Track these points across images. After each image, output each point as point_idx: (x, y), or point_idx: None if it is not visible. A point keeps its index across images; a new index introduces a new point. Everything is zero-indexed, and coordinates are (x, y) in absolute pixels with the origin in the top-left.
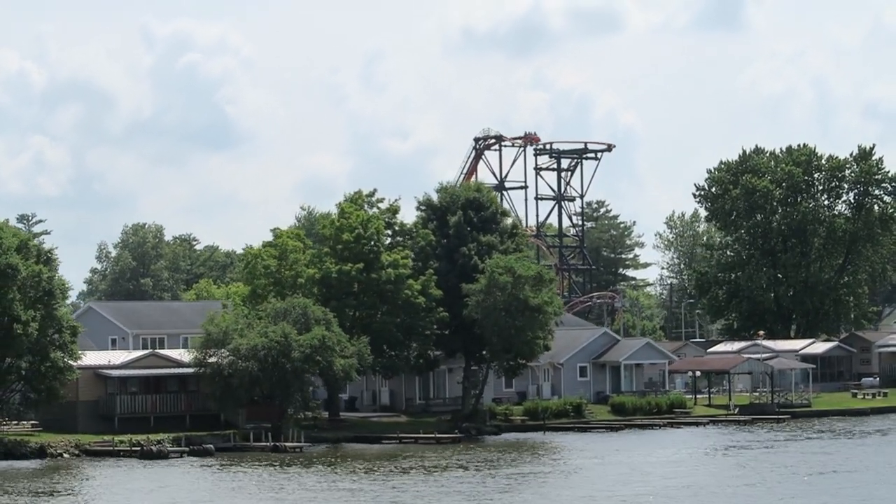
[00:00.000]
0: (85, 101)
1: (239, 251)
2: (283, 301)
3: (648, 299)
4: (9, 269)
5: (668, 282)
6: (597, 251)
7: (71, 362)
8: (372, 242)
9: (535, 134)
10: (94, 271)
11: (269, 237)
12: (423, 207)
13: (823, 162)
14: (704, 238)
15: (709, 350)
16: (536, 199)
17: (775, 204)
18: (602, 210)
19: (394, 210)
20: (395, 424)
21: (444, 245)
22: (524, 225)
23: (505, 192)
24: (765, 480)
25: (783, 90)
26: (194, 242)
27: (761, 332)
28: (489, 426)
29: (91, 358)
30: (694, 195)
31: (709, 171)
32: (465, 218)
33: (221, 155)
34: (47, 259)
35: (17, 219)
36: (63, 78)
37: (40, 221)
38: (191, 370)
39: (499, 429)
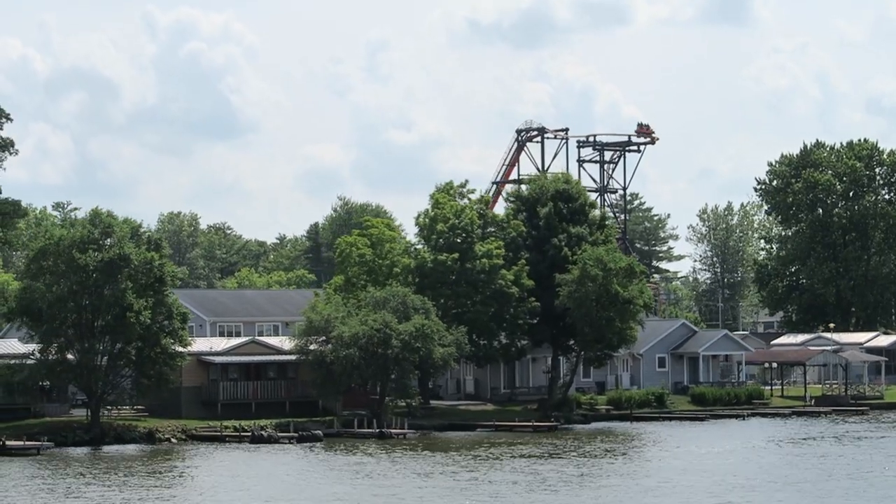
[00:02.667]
0: (88, 89)
1: (270, 241)
2: (382, 290)
3: (679, 291)
4: (121, 258)
5: (707, 274)
6: (631, 243)
7: (180, 349)
8: (466, 233)
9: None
10: None
11: (274, 227)
12: (512, 199)
13: (885, 157)
14: (738, 231)
15: (772, 343)
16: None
17: (836, 198)
18: (636, 202)
19: (485, 201)
20: (483, 413)
21: (533, 236)
22: None
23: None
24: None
25: (788, 84)
26: (229, 231)
27: (831, 325)
28: (576, 415)
29: (194, 345)
30: (755, 189)
31: (769, 165)
32: (554, 209)
33: (224, 144)
34: (157, 246)
35: (53, 206)
36: (66, 66)
37: (76, 209)
38: (290, 357)
39: (585, 418)
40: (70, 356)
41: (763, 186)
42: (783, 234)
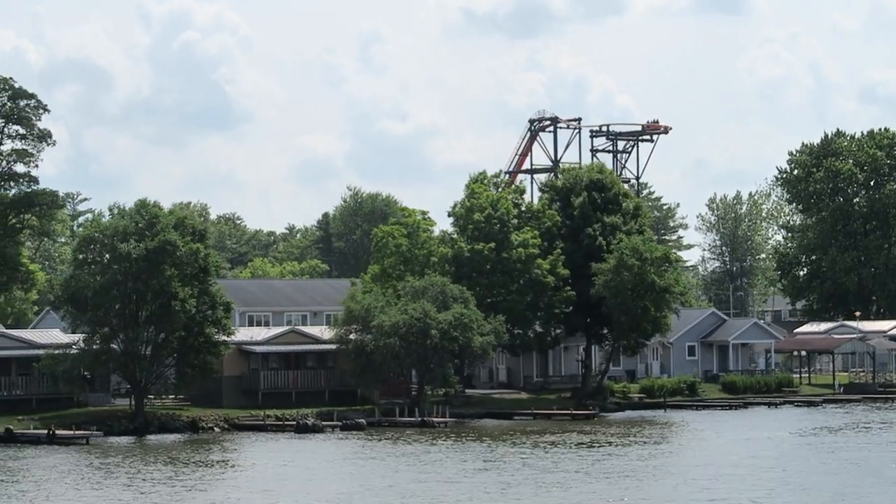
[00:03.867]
0: (82, 80)
1: (279, 231)
2: (421, 279)
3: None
4: (167, 246)
5: (716, 263)
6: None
7: (224, 338)
8: (502, 222)
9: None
10: None
11: (268, 217)
12: (546, 189)
13: None
14: (747, 220)
15: (795, 331)
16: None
17: (857, 187)
18: (645, 192)
19: (520, 191)
20: (517, 401)
21: (568, 226)
22: None
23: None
24: None
25: (782, 74)
26: (238, 221)
27: (857, 314)
28: (610, 403)
29: (237, 334)
30: (776, 178)
31: (790, 154)
32: (588, 199)
33: (219, 135)
34: (202, 236)
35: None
36: (60, 58)
37: (85, 199)
38: (329, 347)
39: (619, 406)
40: (114, 346)
41: (784, 175)
42: (804, 222)
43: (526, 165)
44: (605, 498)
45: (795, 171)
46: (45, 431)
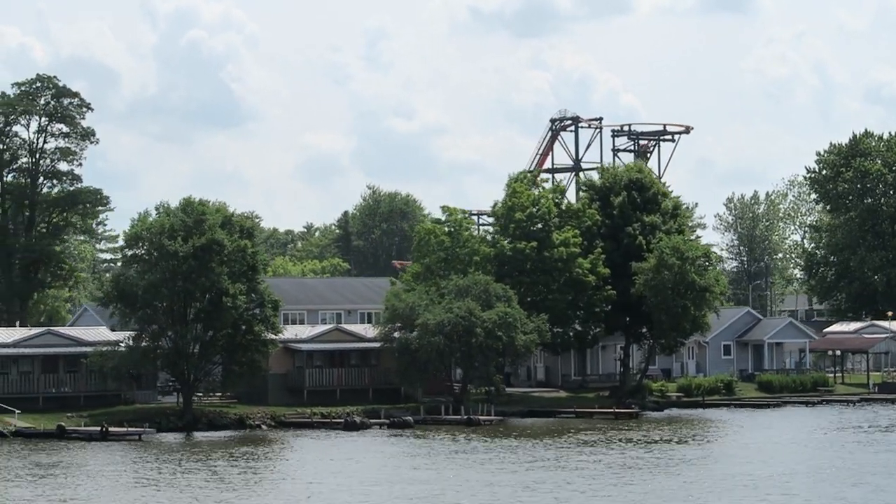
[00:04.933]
0: (87, 78)
1: (297, 230)
2: (465, 278)
3: None
4: (215, 244)
5: (734, 262)
6: None
7: (272, 336)
8: (543, 221)
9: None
10: None
11: (272, 216)
12: (585, 188)
13: None
14: (764, 220)
15: (825, 331)
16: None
17: (885, 187)
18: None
19: (560, 190)
20: (557, 399)
21: (607, 225)
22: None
23: (581, 173)
24: None
25: (787, 74)
26: (257, 219)
27: (889, 313)
28: (649, 402)
29: (285, 332)
30: (805, 178)
31: (818, 154)
32: (628, 198)
33: (224, 133)
34: (249, 234)
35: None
36: (65, 55)
37: None
38: (373, 345)
39: (658, 405)
40: (162, 343)
41: (812, 175)
42: (832, 222)
43: (547, 165)
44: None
45: (824, 171)
46: (99, 428)
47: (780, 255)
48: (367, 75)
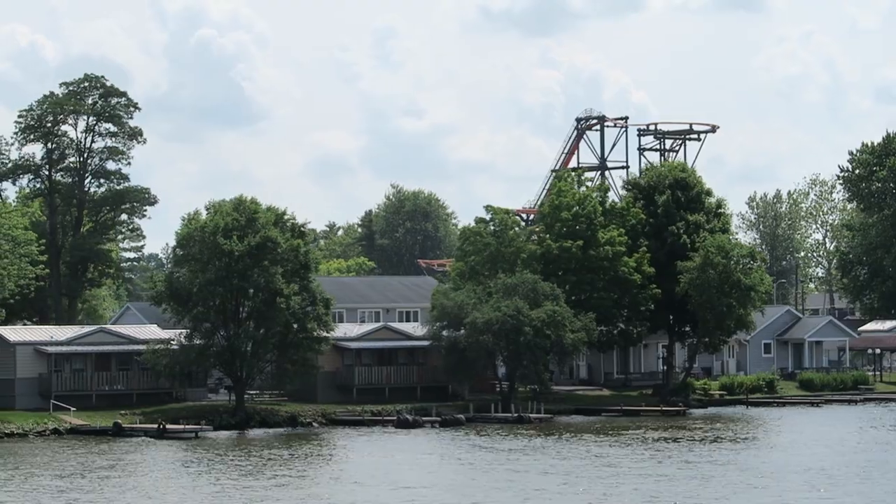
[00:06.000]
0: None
1: (320, 228)
2: (513, 276)
3: None
4: (269, 243)
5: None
6: None
7: (325, 334)
8: (589, 220)
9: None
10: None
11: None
12: (629, 187)
13: None
14: (787, 219)
15: (859, 329)
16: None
17: None
18: None
19: (605, 189)
20: (601, 398)
21: (651, 224)
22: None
23: (607, 172)
24: None
25: (799, 72)
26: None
27: None
28: (693, 400)
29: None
30: (838, 177)
31: (851, 154)
32: (672, 197)
33: (234, 132)
34: (301, 233)
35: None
36: (76, 53)
37: None
38: (421, 343)
39: (702, 403)
40: (215, 341)
41: (845, 174)
42: (865, 221)
43: (573, 164)
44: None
45: (857, 171)
46: (156, 426)
47: (803, 253)
48: (376, 74)
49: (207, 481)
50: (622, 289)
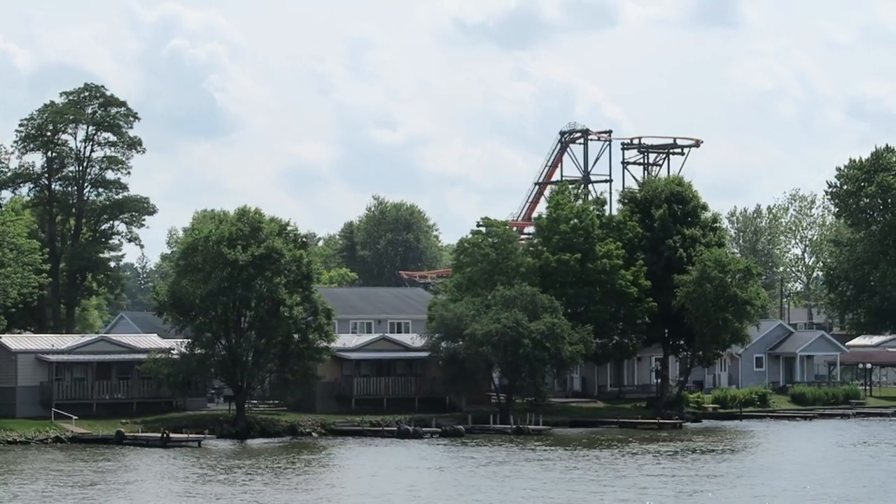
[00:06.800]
0: (71, 85)
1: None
2: (511, 289)
3: None
4: (274, 253)
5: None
6: None
7: (326, 344)
8: (587, 233)
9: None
10: (164, 257)
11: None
12: (625, 201)
13: None
14: (766, 234)
15: (847, 344)
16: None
17: None
18: None
19: (601, 202)
20: (596, 410)
21: (648, 237)
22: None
23: (590, 185)
24: None
25: (774, 86)
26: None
27: None
28: (687, 413)
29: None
30: (826, 192)
31: (838, 170)
32: (669, 211)
33: (207, 142)
34: (303, 244)
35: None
36: (49, 62)
37: None
38: (419, 354)
39: (695, 416)
40: (216, 350)
41: (833, 190)
42: (852, 237)
43: (556, 177)
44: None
45: (845, 186)
46: (159, 435)
47: (782, 268)
48: (351, 85)
49: (229, 489)
50: (619, 302)
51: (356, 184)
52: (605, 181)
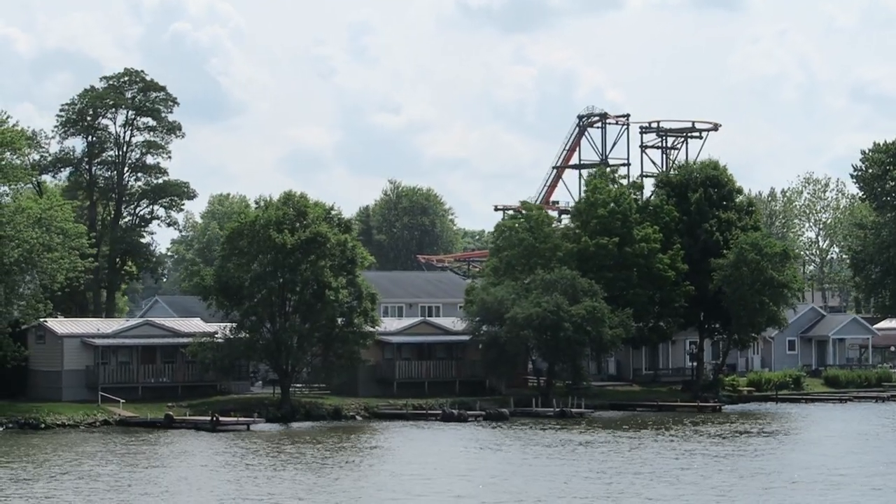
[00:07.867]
0: (73, 70)
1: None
2: (551, 272)
3: None
4: (319, 238)
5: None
6: None
7: (371, 328)
8: (624, 217)
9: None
10: (177, 241)
11: None
12: (661, 185)
13: None
14: (781, 217)
15: (874, 327)
16: (641, 176)
17: None
18: None
19: (638, 187)
20: (632, 393)
21: (684, 221)
22: None
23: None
24: None
25: (775, 71)
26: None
27: None
28: (723, 396)
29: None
30: (851, 175)
31: (863, 153)
32: (704, 195)
33: (209, 126)
34: (348, 228)
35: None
36: (51, 47)
37: None
38: (460, 338)
39: (731, 399)
40: (261, 334)
41: (858, 173)
42: (878, 220)
43: (574, 161)
44: None
45: (870, 170)
46: (208, 418)
47: (796, 251)
48: (352, 70)
49: (314, 477)
50: (656, 285)
51: (357, 168)
52: (624, 164)
